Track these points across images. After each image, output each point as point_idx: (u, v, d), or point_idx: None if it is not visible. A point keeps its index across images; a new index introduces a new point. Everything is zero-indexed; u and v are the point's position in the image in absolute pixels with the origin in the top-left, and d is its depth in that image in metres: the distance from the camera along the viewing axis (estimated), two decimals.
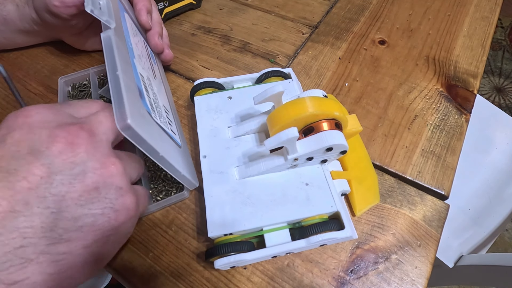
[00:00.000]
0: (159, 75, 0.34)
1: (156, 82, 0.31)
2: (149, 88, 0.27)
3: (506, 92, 1.37)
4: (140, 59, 0.28)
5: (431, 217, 0.29)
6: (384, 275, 0.26)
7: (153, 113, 0.25)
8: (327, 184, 0.26)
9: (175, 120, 0.32)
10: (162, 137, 0.25)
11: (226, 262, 0.23)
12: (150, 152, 0.22)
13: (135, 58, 0.27)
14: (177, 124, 0.32)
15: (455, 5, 0.47)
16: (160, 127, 0.26)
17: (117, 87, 0.21)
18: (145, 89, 0.26)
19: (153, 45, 0.34)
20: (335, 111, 0.24)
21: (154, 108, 0.26)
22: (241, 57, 0.41)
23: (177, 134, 0.30)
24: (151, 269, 0.26)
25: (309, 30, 0.44)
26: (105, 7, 0.25)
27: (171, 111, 0.32)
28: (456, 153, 0.32)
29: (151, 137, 0.22)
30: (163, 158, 0.23)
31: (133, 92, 0.22)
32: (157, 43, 0.34)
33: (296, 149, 0.24)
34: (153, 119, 0.24)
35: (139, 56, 0.28)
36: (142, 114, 0.22)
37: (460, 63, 0.40)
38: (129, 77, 0.23)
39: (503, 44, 1.54)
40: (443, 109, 0.35)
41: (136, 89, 0.23)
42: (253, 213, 0.24)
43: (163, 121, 0.27)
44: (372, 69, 0.39)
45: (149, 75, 0.29)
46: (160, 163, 0.23)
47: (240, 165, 0.27)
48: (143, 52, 0.31)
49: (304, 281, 0.26)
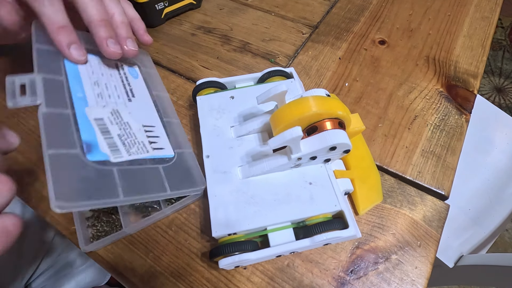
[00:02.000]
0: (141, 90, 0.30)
1: (133, 103, 0.28)
2: (113, 126, 0.25)
3: (506, 92, 1.38)
4: (101, 97, 0.26)
5: (431, 217, 0.29)
6: (384, 275, 0.26)
7: (116, 153, 0.24)
8: (330, 183, 0.26)
9: (168, 128, 0.29)
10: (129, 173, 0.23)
11: (231, 262, 0.23)
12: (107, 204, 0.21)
13: (88, 106, 0.25)
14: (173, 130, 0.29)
15: (455, 5, 0.47)
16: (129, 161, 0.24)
17: (46, 167, 0.19)
18: (103, 132, 0.24)
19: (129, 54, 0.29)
20: (338, 110, 0.24)
21: (120, 144, 0.24)
22: (241, 57, 0.41)
23: (167, 145, 0.27)
24: (151, 269, 0.26)
25: (309, 30, 0.44)
26: (29, 87, 0.22)
27: (160, 122, 0.29)
28: (456, 153, 0.32)
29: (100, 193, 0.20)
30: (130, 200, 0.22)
31: (67, 164, 0.21)
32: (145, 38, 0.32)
33: (300, 148, 0.24)
34: (112, 163, 0.23)
35: (99, 95, 0.26)
36: (85, 177, 0.21)
37: (460, 63, 0.40)
38: (67, 143, 0.22)
39: (503, 44, 1.54)
40: (443, 109, 0.36)
41: (77, 155, 0.22)
42: (257, 213, 0.24)
43: (138, 148, 0.25)
44: (372, 69, 0.39)
45: (116, 108, 0.27)
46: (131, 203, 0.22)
47: (244, 164, 0.27)
48: (110, 80, 0.28)
49: (304, 281, 0.26)
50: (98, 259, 0.27)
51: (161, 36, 0.44)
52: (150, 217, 0.27)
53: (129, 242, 0.28)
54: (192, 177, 0.27)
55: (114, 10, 0.28)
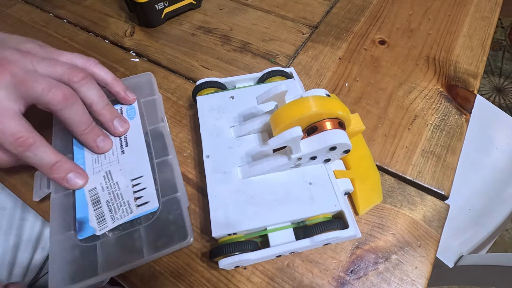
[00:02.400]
0: (136, 132, 0.31)
1: (125, 155, 0.29)
2: (103, 193, 0.27)
3: (506, 92, 1.38)
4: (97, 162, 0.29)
5: (431, 217, 0.29)
6: (384, 275, 0.26)
7: (102, 224, 0.25)
8: (330, 183, 0.26)
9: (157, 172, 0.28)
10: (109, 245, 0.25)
11: (231, 262, 0.23)
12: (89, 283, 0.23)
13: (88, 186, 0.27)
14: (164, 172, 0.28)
15: (455, 5, 0.47)
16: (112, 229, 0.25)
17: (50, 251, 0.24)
18: (94, 203, 0.26)
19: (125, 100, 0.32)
20: (338, 110, 0.24)
21: (107, 212, 0.26)
22: (241, 57, 0.41)
23: (153, 197, 0.27)
24: (151, 269, 0.26)
25: (309, 30, 0.44)
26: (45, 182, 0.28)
27: (149, 169, 0.28)
28: (456, 153, 0.32)
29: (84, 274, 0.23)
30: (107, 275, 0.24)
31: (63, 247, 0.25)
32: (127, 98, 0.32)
33: (300, 148, 0.24)
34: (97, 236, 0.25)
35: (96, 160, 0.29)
36: (73, 259, 0.24)
37: (460, 63, 0.40)
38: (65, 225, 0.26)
39: (503, 44, 1.54)
40: (443, 109, 0.36)
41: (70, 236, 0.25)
42: (257, 213, 0.24)
43: (123, 211, 0.26)
44: (372, 69, 0.39)
45: (109, 169, 0.28)
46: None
47: (244, 164, 0.27)
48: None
49: (304, 281, 0.26)
50: None
51: (161, 36, 0.44)
52: (130, 265, 0.25)
53: None
54: (176, 232, 0.25)
55: (92, 99, 0.28)
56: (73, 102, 0.26)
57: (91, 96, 0.28)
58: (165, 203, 0.27)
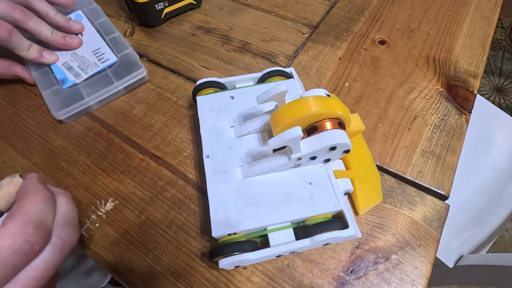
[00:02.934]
0: (87, 27, 0.39)
1: (84, 38, 0.38)
2: (73, 63, 0.36)
3: (506, 92, 1.38)
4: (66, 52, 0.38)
5: (431, 217, 0.29)
6: (384, 275, 0.26)
7: (78, 76, 0.36)
8: (330, 183, 0.26)
9: (110, 43, 0.38)
10: (88, 84, 0.35)
11: (231, 262, 0.23)
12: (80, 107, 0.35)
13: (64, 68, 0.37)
14: (114, 42, 0.38)
15: (455, 5, 0.47)
16: (88, 77, 0.36)
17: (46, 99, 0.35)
18: (69, 69, 0.36)
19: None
20: (338, 110, 0.24)
21: (80, 70, 0.36)
22: (241, 57, 0.41)
23: (111, 55, 0.37)
24: (151, 269, 0.26)
25: (309, 30, 0.44)
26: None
27: (103, 42, 0.38)
28: (456, 153, 0.32)
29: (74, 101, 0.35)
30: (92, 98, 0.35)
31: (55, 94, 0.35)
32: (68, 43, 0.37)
33: (300, 148, 0.24)
34: (77, 84, 0.35)
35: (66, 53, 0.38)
36: (64, 97, 0.35)
37: (460, 63, 0.40)
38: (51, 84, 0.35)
39: (503, 44, 1.54)
40: (443, 109, 0.36)
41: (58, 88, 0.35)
42: (257, 213, 0.24)
43: (92, 67, 0.36)
44: (372, 69, 0.39)
45: (74, 52, 0.37)
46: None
47: (244, 164, 0.27)
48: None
49: (304, 281, 0.26)
50: (98, 259, 0.27)
51: (161, 36, 0.44)
52: (105, 90, 0.35)
53: (129, 242, 0.28)
54: (133, 67, 0.36)
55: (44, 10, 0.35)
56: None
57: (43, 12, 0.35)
58: (122, 58, 0.37)
